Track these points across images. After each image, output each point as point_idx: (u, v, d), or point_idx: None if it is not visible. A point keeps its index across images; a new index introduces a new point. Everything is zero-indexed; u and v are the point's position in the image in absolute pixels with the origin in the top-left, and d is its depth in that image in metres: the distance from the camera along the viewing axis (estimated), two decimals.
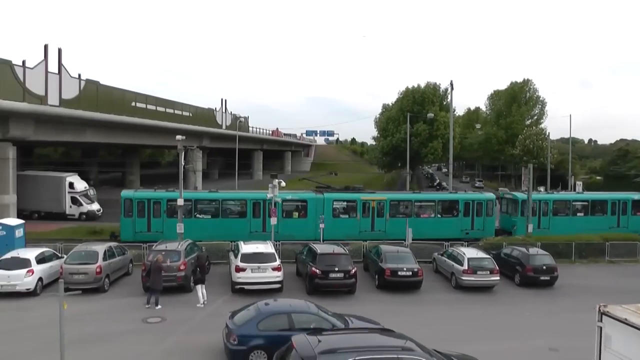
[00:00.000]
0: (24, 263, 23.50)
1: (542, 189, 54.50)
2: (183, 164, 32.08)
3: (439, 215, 38.22)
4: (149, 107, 55.30)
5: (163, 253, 23.76)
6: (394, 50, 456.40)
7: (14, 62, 37.13)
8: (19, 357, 16.73)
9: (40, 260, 24.40)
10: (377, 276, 25.78)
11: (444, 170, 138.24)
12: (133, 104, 52.16)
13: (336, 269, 23.73)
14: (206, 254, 27.13)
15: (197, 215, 35.22)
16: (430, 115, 70.29)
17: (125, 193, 35.69)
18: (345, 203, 37.32)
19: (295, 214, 36.24)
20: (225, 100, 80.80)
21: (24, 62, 37.91)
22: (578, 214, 40.80)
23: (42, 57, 40.02)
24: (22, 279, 23.10)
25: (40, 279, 23.81)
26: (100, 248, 24.90)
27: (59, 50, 41.60)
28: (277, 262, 24.09)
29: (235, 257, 24.59)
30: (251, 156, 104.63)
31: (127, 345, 17.78)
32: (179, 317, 20.61)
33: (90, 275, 23.39)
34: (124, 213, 34.42)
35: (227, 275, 25.92)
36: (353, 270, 23.94)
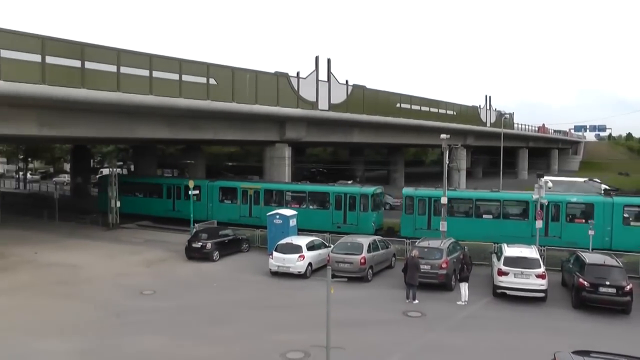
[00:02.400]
0: (296, 249, 26.21)
1: None
2: (447, 162, 32.21)
3: (310, 207, 37.71)
4: (414, 107, 56.19)
5: (425, 250, 24.23)
6: None
7: (290, 74, 41.18)
8: (290, 329, 18.79)
9: (310, 247, 26.87)
10: None
11: None
12: (398, 105, 53.63)
13: (607, 282, 20.81)
14: (469, 253, 26.45)
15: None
16: None
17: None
18: (229, 190, 41.90)
19: (195, 199, 39.17)
20: (490, 97, 78.89)
21: (297, 73, 41.73)
22: (485, 216, 33.98)
23: (314, 68, 43.49)
24: (294, 262, 25.83)
25: (310, 264, 26.28)
26: (365, 240, 26.21)
27: (328, 61, 44.71)
28: (542, 269, 22.36)
29: (498, 259, 23.72)
30: (516, 154, 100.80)
31: (387, 334, 18.42)
32: (439, 313, 20.73)
33: (355, 265, 24.79)
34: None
35: (488, 277, 25.21)
36: (628, 287, 20.66)
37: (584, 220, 31.64)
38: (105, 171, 61.43)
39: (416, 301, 21.83)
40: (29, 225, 42.34)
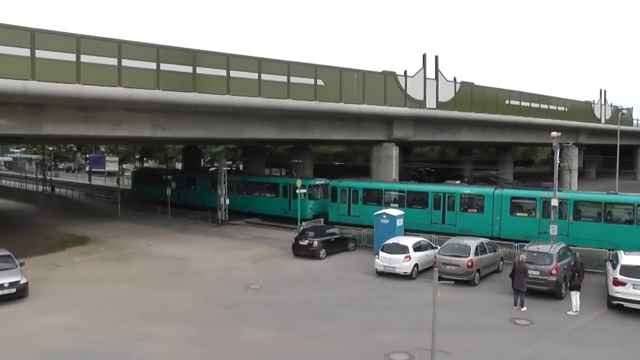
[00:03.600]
0: (403, 249, 26.12)
1: None
2: (558, 162, 30.99)
3: (265, 195, 45.79)
4: (523, 104, 54.53)
5: (534, 254, 23.27)
6: None
7: (397, 73, 41.10)
8: (394, 329, 18.71)
9: (417, 248, 26.67)
10: None
11: None
12: (506, 101, 52.24)
13: None
14: (580, 259, 24.89)
15: None
16: None
17: None
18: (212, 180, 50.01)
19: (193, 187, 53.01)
20: (605, 91, 74.51)
21: (405, 72, 41.64)
22: (392, 205, 36.93)
23: (421, 66, 43.18)
24: (400, 263, 25.74)
25: (416, 265, 26.08)
26: (473, 243, 25.60)
27: (436, 58, 44.27)
28: None
29: (614, 268, 22.00)
30: (635, 153, 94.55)
31: (493, 341, 17.94)
32: (548, 323, 19.78)
33: (462, 268, 24.29)
34: None
35: (602, 286, 23.62)
36: None
37: (475, 210, 34.93)
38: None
39: (524, 308, 21.03)
40: (144, 220, 45.20)
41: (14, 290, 21.90)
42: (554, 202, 29.70)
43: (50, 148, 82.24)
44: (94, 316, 20.45)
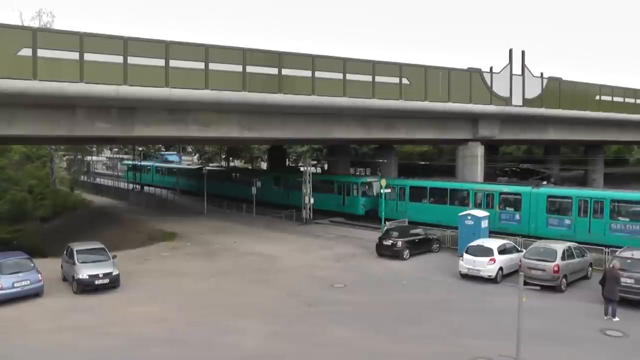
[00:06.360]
0: (487, 252, 25.65)
1: None
2: None
3: (184, 180, 68.41)
4: (615, 99, 51.92)
5: (628, 261, 21.92)
6: None
7: (482, 69, 40.31)
8: (477, 334, 18.30)
9: (502, 251, 26.10)
10: None
11: None
12: (597, 97, 50.03)
13: None
14: None
15: None
16: None
17: None
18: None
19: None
20: None
21: (491, 68, 40.69)
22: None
23: (507, 62, 42.11)
24: (485, 266, 25.27)
25: (500, 268, 25.48)
26: (560, 247, 24.65)
27: (522, 53, 42.96)
28: None
29: None
30: None
31: (582, 352, 17.16)
32: None
33: (548, 273, 23.45)
34: None
35: None
36: None
37: (299, 189, 48.32)
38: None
39: (616, 319, 19.89)
40: (230, 218, 46.60)
41: (107, 280, 23.55)
42: None
43: (140, 148, 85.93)
44: (181, 308, 21.45)
